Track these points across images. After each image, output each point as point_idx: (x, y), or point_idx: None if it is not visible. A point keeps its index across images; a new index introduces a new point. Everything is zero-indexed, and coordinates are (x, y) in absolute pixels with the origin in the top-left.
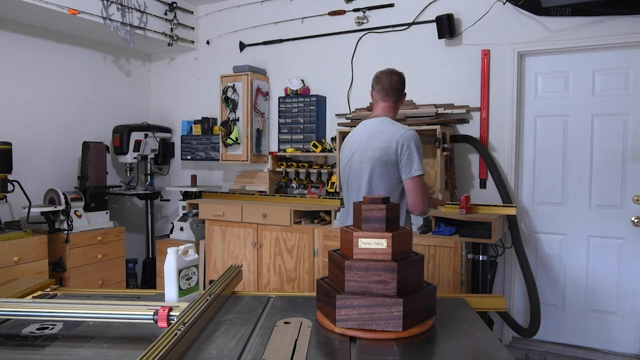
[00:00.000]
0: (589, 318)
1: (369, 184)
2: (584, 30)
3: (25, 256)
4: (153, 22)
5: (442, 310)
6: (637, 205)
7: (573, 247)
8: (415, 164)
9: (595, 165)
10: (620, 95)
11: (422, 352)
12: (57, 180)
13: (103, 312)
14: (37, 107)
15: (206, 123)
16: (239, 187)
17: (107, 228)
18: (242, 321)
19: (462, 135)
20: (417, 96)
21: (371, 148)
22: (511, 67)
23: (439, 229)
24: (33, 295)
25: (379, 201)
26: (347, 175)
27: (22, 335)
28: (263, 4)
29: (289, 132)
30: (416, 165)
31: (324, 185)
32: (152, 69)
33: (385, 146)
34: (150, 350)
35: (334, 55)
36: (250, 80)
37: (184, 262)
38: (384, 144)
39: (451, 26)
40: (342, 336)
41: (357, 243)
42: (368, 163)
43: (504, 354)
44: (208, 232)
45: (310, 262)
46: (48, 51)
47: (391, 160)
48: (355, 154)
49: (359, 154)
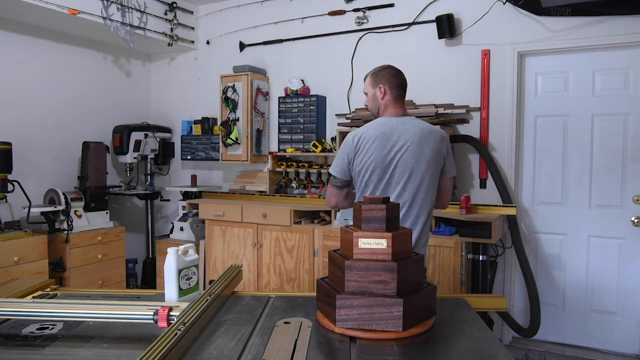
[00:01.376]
0: (589, 318)
1: (420, 183)
2: (584, 30)
3: (25, 256)
4: (153, 22)
5: (442, 310)
6: (637, 205)
7: (573, 247)
8: (454, 164)
9: (595, 165)
10: (620, 95)
11: (422, 352)
12: (57, 180)
13: (103, 312)
14: (37, 107)
15: (206, 123)
16: (239, 187)
17: (107, 228)
18: (242, 321)
19: (462, 135)
20: (417, 96)
21: (427, 149)
22: (511, 67)
23: (439, 229)
24: (33, 295)
25: (379, 201)
26: (384, 171)
27: (22, 335)
28: (263, 4)
29: (289, 132)
30: (454, 165)
31: (324, 185)
32: (152, 69)
33: (438, 147)
34: (150, 350)
35: (334, 55)
36: (250, 80)
37: (184, 262)
38: (437, 145)
39: (451, 26)
40: (342, 336)
41: (357, 243)
42: (424, 163)
43: (504, 354)
44: (208, 232)
45: (310, 262)
46: (48, 51)
47: (440, 162)
48: (407, 151)
49: (414, 152)
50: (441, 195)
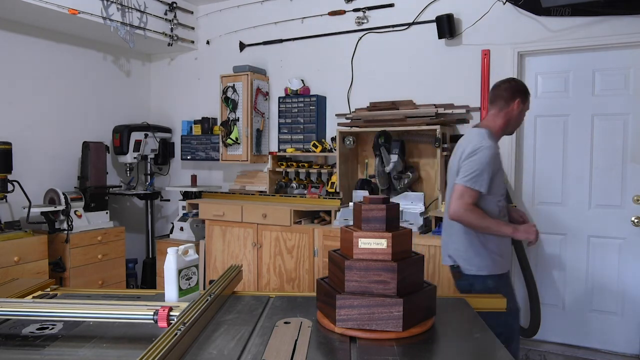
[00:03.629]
0: (589, 318)
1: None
2: (584, 30)
3: (25, 256)
4: (153, 22)
5: (442, 310)
6: (637, 205)
7: (573, 247)
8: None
9: (595, 165)
10: (620, 95)
11: (422, 352)
12: (57, 180)
13: (103, 312)
14: (37, 107)
15: (206, 123)
16: (239, 187)
17: (107, 228)
18: (242, 321)
19: (462, 135)
20: (417, 96)
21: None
22: (511, 67)
23: (439, 229)
24: (33, 295)
25: (379, 201)
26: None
27: (22, 335)
28: (263, 4)
29: (289, 132)
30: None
31: (324, 185)
32: (152, 69)
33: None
34: (150, 350)
35: (334, 55)
36: (250, 80)
37: (184, 262)
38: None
39: (451, 26)
40: (342, 336)
41: (357, 243)
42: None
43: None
44: (208, 232)
45: (310, 262)
46: (48, 51)
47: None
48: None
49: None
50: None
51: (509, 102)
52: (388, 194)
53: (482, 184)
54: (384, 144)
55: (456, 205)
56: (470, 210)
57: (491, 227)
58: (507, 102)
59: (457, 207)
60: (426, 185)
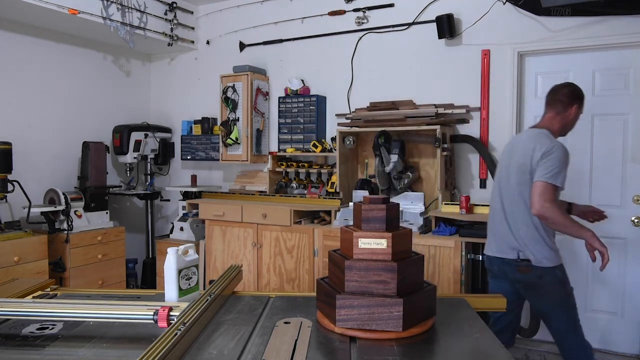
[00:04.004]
0: (589, 318)
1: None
2: (584, 30)
3: (25, 256)
4: (153, 22)
5: (442, 310)
6: (637, 205)
7: (573, 247)
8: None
9: (595, 165)
10: (620, 95)
11: (422, 352)
12: (57, 180)
13: (103, 312)
14: (37, 107)
15: (206, 123)
16: (239, 187)
17: (107, 228)
18: (242, 321)
19: (462, 135)
20: (417, 96)
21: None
22: (511, 67)
23: (438, 229)
24: (33, 295)
25: (379, 201)
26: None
27: (22, 335)
28: (263, 4)
29: (289, 132)
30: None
31: (324, 185)
32: (152, 69)
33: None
34: (150, 350)
35: (334, 55)
36: (250, 80)
37: (184, 262)
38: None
39: (451, 26)
40: (342, 336)
41: (357, 243)
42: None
43: (504, 354)
44: (208, 232)
45: (310, 262)
46: (48, 51)
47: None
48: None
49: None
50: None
51: (567, 107)
52: (388, 194)
53: (562, 180)
54: (384, 144)
55: (541, 201)
56: (555, 206)
57: (571, 226)
58: (565, 107)
59: (542, 203)
60: (426, 185)
